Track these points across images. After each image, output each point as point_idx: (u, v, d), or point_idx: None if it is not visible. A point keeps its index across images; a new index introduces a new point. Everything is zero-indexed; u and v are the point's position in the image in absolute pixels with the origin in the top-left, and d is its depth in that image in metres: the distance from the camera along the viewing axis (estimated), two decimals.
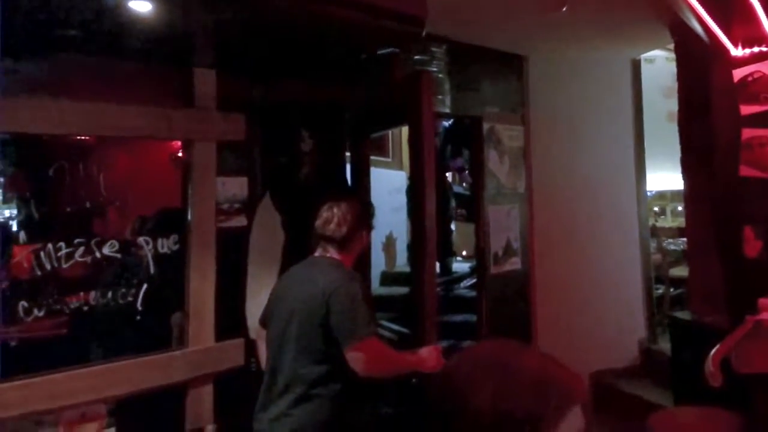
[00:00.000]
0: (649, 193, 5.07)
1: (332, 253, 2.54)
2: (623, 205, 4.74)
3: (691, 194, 3.85)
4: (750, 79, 3.12)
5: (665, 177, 5.04)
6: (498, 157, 4.40)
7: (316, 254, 2.59)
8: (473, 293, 4.54)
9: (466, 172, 5.97)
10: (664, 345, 4.29)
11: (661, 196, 6.03)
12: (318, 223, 2.57)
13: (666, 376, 3.83)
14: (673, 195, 6.03)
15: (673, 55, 4.38)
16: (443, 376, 1.05)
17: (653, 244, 4.91)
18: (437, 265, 5.04)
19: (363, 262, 3.48)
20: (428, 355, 2.50)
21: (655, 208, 5.88)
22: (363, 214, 2.64)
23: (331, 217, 2.54)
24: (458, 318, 4.61)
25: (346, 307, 2.34)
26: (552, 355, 1.00)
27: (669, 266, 4.89)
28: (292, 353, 2.43)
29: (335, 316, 2.34)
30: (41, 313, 2.43)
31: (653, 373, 4.21)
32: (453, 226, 5.44)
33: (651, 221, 5.09)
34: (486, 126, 4.31)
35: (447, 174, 5.82)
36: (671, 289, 4.82)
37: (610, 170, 4.70)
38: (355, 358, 2.31)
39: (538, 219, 4.40)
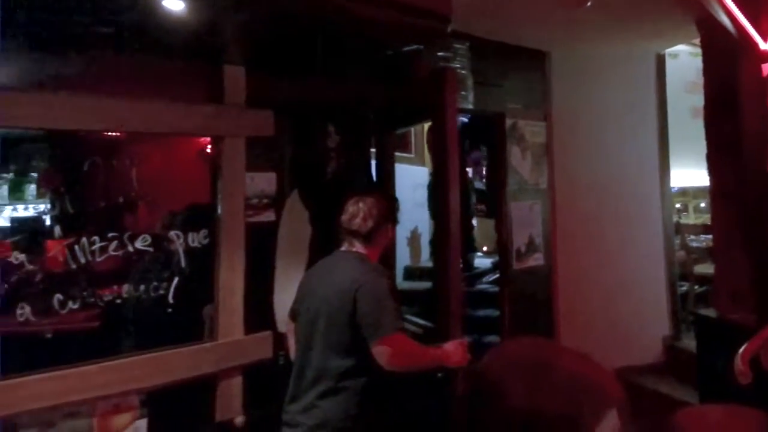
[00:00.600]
0: (672, 190, 5.04)
1: (358, 247, 2.56)
2: (647, 201, 4.71)
3: (717, 191, 3.81)
4: None
5: (688, 173, 5.00)
6: (520, 153, 4.40)
7: (342, 249, 2.62)
8: (495, 288, 4.54)
9: (484, 166, 5.96)
10: (689, 342, 4.26)
11: (683, 192, 5.98)
12: (344, 217, 2.59)
13: (690, 373, 3.81)
14: (696, 192, 5.98)
15: (697, 50, 4.33)
16: (476, 374, 1.03)
17: (677, 242, 4.88)
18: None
19: (388, 257, 3.50)
20: (454, 349, 2.51)
21: (678, 205, 5.83)
22: (388, 208, 2.66)
23: (357, 211, 2.57)
24: (480, 313, 4.62)
25: (372, 302, 2.37)
26: (588, 355, 0.98)
27: (693, 263, 4.86)
28: (320, 347, 2.46)
29: (362, 311, 2.36)
30: (76, 306, 2.47)
31: (677, 370, 4.19)
32: (474, 222, 5.43)
33: (675, 218, 5.05)
34: (509, 122, 4.32)
35: (468, 170, 5.82)
36: (695, 287, 4.78)
37: (633, 166, 4.67)
38: (381, 353, 2.33)
39: (561, 215, 4.39)
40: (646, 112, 4.79)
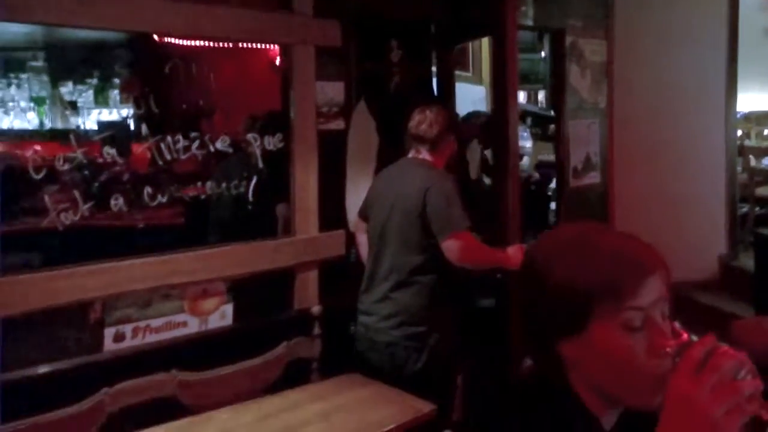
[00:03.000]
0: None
1: (424, 154, 2.71)
2: (710, 123, 4.61)
3: None
4: None
5: (753, 98, 4.87)
6: (579, 72, 4.34)
7: (410, 155, 2.76)
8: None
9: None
10: (746, 261, 4.27)
11: (746, 118, 5.81)
12: (411, 124, 2.74)
13: (746, 290, 3.86)
14: (759, 117, 5.81)
15: None
16: (525, 258, 1.08)
17: (739, 167, 4.80)
18: None
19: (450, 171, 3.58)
20: (514, 253, 2.65)
21: (739, 132, 5.70)
22: (451, 118, 2.85)
23: (424, 118, 2.71)
24: None
25: (442, 200, 2.53)
26: (633, 234, 1.02)
27: (755, 186, 4.80)
28: (393, 244, 2.64)
29: (432, 210, 2.52)
30: (164, 199, 2.64)
31: (732, 287, 4.21)
32: (529, 144, 5.39)
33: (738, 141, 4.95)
34: (568, 39, 4.24)
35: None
36: (756, 208, 4.75)
37: (697, 87, 4.56)
38: (450, 248, 2.50)
39: (619, 134, 4.36)
40: (715, 30, 4.61)
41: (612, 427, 1.02)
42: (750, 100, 4.95)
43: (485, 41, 5.43)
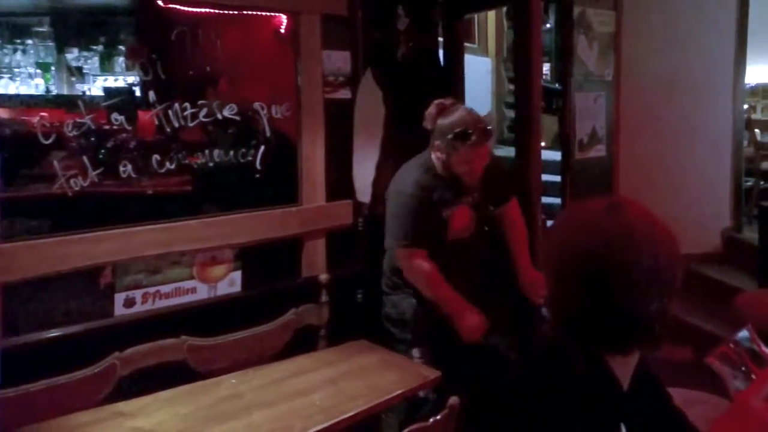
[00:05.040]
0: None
1: (432, 146, 2.61)
2: (717, 95, 4.57)
3: None
4: None
5: (761, 70, 4.82)
6: (587, 43, 4.30)
7: None
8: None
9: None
10: (750, 234, 4.29)
11: (752, 92, 5.77)
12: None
13: (749, 263, 3.87)
14: (766, 90, 5.78)
15: None
16: (561, 243, 1.11)
17: (745, 141, 4.78)
18: None
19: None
20: (469, 325, 2.49)
21: (746, 105, 5.67)
22: (449, 126, 2.50)
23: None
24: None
25: (391, 211, 2.54)
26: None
27: (761, 159, 4.79)
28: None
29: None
30: (173, 166, 2.65)
31: (736, 260, 4.22)
32: None
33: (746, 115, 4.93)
34: (576, 10, 4.19)
35: None
36: (761, 182, 4.75)
37: (706, 60, 4.50)
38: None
39: (625, 107, 4.33)
40: (725, 1, 4.56)
41: (627, 387, 1.10)
42: (757, 72, 4.90)
43: (491, 12, 5.38)
